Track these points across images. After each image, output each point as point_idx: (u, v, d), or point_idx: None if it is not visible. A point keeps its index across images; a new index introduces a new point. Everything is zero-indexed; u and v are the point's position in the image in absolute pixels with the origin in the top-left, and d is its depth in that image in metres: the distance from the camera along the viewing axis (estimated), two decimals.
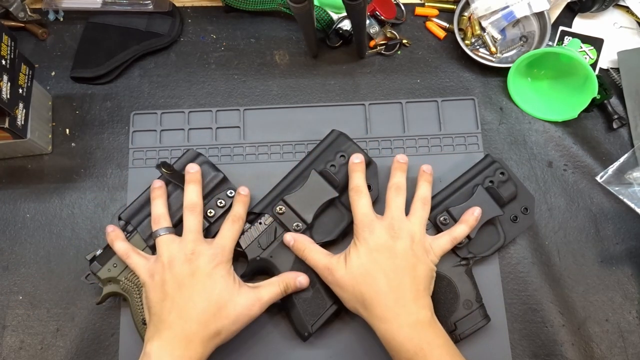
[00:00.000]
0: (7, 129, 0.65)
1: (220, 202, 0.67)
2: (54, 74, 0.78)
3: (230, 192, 0.68)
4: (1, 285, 0.70)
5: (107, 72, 0.77)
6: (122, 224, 0.67)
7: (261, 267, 0.66)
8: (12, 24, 0.78)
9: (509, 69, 0.76)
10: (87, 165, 0.75)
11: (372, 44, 0.80)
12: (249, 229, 0.66)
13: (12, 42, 0.65)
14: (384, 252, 0.60)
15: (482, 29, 0.79)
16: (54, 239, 0.71)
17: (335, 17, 0.78)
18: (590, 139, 0.76)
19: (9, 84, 0.64)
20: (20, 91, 0.67)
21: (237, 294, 0.59)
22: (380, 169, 0.70)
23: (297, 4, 0.62)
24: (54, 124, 0.76)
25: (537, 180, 0.74)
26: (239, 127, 0.75)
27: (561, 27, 0.81)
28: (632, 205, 0.72)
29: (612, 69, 0.79)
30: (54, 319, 0.69)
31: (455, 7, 0.80)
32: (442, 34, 0.81)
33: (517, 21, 0.80)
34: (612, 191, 0.73)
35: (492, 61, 0.78)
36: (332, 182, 0.66)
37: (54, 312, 0.69)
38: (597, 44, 0.79)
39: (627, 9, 0.82)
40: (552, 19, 0.79)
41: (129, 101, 0.77)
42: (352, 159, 0.66)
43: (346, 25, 0.77)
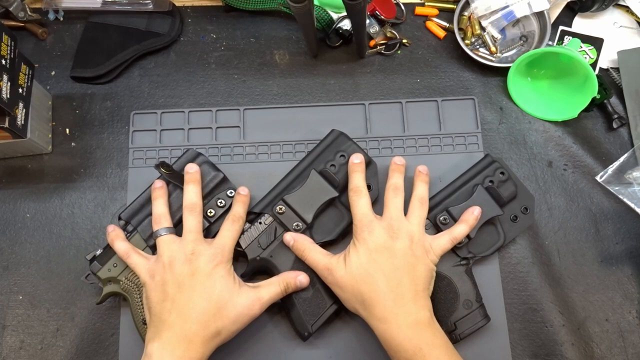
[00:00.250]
0: (7, 128, 0.65)
1: (220, 202, 0.67)
2: (54, 73, 0.78)
3: (230, 192, 0.68)
4: (1, 285, 0.70)
5: (107, 72, 0.77)
6: (122, 223, 0.67)
7: (261, 267, 0.66)
8: (12, 23, 0.78)
9: (509, 68, 0.76)
10: (87, 165, 0.75)
11: (372, 43, 0.80)
12: (249, 228, 0.66)
13: (12, 42, 0.65)
14: (383, 252, 0.60)
15: (482, 29, 0.79)
16: (54, 239, 0.71)
17: (335, 16, 0.78)
18: (590, 138, 0.76)
19: (9, 83, 0.64)
20: (20, 91, 0.67)
21: (237, 294, 0.59)
22: (380, 168, 0.70)
23: (297, 4, 0.62)
24: (54, 123, 0.76)
25: (537, 180, 0.74)
26: (239, 126, 0.75)
27: (561, 27, 0.81)
28: (632, 205, 0.72)
29: (612, 68, 0.79)
30: (54, 319, 0.69)
31: (455, 6, 0.80)
32: (442, 33, 0.81)
33: (517, 21, 0.80)
34: (612, 191, 0.73)
35: (492, 61, 0.78)
36: (332, 182, 0.66)
37: (54, 312, 0.69)
38: (597, 43, 0.79)
39: (627, 9, 0.82)
40: (552, 19, 0.79)
41: (129, 101, 0.77)
42: (352, 159, 0.66)
43: (346, 25, 0.77)
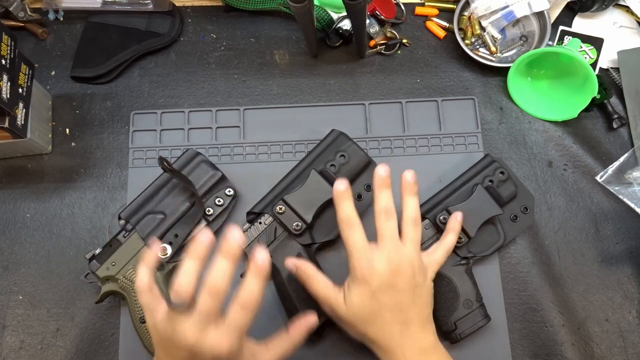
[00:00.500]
0: (7, 128, 0.65)
1: (218, 201, 0.67)
2: (53, 73, 0.79)
3: (229, 191, 0.68)
4: (1, 285, 0.70)
5: (107, 72, 0.77)
6: (122, 223, 0.67)
7: None
8: (12, 23, 0.78)
9: (509, 68, 0.76)
10: (87, 165, 0.75)
11: (372, 43, 0.80)
12: (248, 228, 0.66)
13: (12, 42, 0.65)
14: (387, 291, 0.55)
15: (482, 29, 0.79)
16: (54, 239, 0.71)
17: (335, 16, 0.78)
18: (590, 138, 0.76)
19: (9, 83, 0.64)
20: (20, 91, 0.67)
21: None
22: None
23: (297, 4, 0.62)
24: (54, 123, 0.76)
25: (537, 179, 0.74)
26: (238, 126, 0.75)
27: (561, 27, 0.81)
28: (632, 205, 0.72)
29: (612, 68, 0.79)
30: (54, 318, 0.69)
31: (455, 6, 0.80)
32: (442, 33, 0.81)
33: (517, 21, 0.80)
34: (612, 191, 0.73)
35: (492, 61, 0.78)
36: (332, 182, 0.66)
37: (54, 312, 0.69)
38: (597, 43, 0.79)
39: (627, 9, 0.82)
40: (552, 19, 0.79)
41: (129, 101, 0.77)
42: (337, 187, 0.57)
43: (346, 24, 0.77)
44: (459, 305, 0.64)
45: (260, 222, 0.66)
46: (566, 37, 0.80)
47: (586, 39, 0.80)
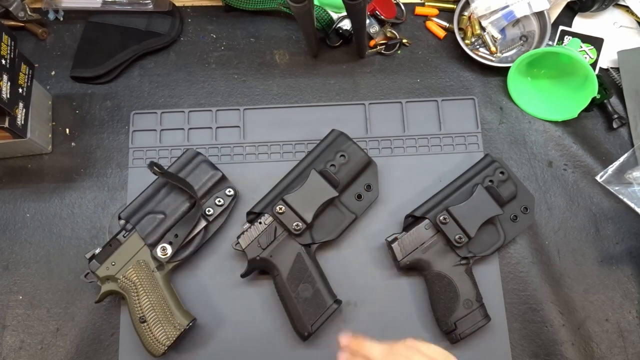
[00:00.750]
0: (7, 128, 0.65)
1: (218, 201, 0.67)
2: (53, 73, 0.79)
3: (229, 191, 0.68)
4: (1, 285, 0.70)
5: (107, 72, 0.77)
6: (122, 223, 0.67)
7: (261, 267, 0.67)
8: (12, 23, 0.78)
9: (509, 68, 0.76)
10: (87, 165, 0.75)
11: (372, 43, 0.80)
12: (248, 228, 0.66)
13: (12, 42, 0.65)
14: None
15: (482, 29, 0.79)
16: (54, 239, 0.71)
17: (335, 16, 0.78)
18: (590, 138, 0.76)
19: (9, 83, 0.64)
20: (20, 91, 0.67)
21: None
22: (380, 168, 0.70)
23: (297, 4, 0.62)
24: (54, 123, 0.76)
25: (537, 179, 0.74)
26: (238, 126, 0.75)
27: (561, 27, 0.81)
28: (632, 205, 0.72)
29: (612, 68, 0.79)
30: (54, 318, 0.69)
31: (455, 6, 0.80)
32: (442, 33, 0.81)
33: (517, 21, 0.80)
34: (612, 191, 0.73)
35: (492, 61, 0.78)
36: (332, 182, 0.66)
37: (54, 312, 0.69)
38: (597, 43, 0.79)
39: (627, 9, 0.82)
40: (552, 19, 0.79)
41: (129, 101, 0.77)
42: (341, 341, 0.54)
43: (346, 24, 0.77)
44: (459, 305, 0.64)
45: (260, 222, 0.66)
46: (566, 37, 0.80)
47: (586, 39, 0.80)
